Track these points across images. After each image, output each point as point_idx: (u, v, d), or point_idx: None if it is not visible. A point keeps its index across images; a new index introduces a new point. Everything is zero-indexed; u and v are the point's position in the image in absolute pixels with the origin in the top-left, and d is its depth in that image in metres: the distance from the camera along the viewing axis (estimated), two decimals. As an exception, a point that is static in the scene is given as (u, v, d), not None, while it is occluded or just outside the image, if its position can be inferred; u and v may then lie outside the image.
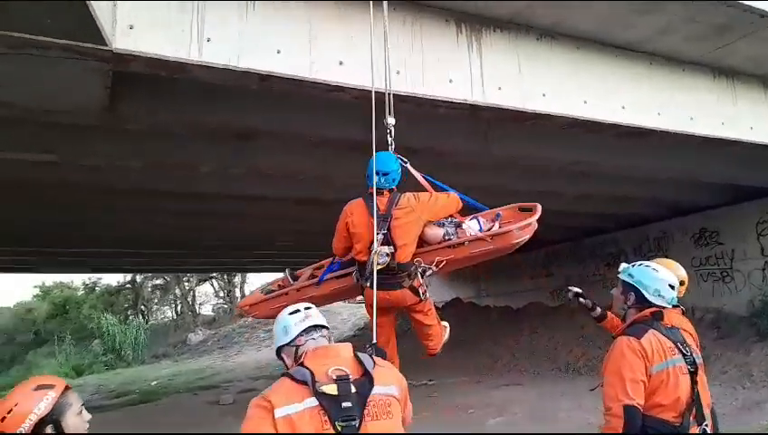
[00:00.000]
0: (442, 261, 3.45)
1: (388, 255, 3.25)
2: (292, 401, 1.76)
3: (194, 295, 35.00)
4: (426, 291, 3.49)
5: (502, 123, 6.40)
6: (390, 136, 3.74)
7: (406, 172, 3.78)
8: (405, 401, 2.03)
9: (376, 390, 1.86)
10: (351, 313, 28.00)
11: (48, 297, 36.85)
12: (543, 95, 5.96)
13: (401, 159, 3.69)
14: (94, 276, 33.38)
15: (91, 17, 3.54)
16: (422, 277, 3.45)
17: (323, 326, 2.10)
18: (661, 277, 2.62)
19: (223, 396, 13.14)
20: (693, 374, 2.40)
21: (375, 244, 3.22)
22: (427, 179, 3.80)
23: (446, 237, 3.59)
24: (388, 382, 1.95)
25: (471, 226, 3.63)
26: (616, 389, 2.33)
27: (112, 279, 34.75)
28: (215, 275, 34.97)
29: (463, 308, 18.42)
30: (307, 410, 1.75)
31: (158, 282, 34.72)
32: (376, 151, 3.57)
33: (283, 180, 8.37)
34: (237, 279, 37.23)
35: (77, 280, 35.88)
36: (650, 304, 2.58)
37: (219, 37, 4.45)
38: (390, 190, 3.48)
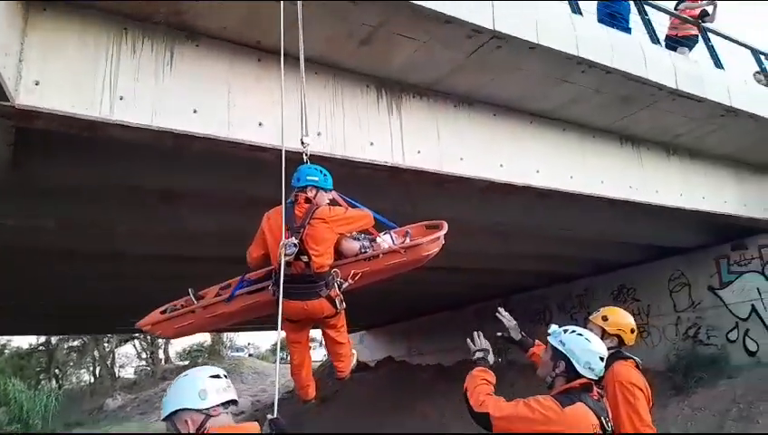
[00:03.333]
0: (358, 273, 3.51)
1: (295, 245, 3.21)
2: None
3: (113, 357, 33.03)
4: (342, 301, 3.47)
5: (423, 185, 6.51)
6: (306, 156, 3.80)
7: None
8: None
9: None
10: (282, 374, 27.12)
11: (-49, 361, 33.99)
12: (461, 159, 6.15)
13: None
14: (3, 338, 31.02)
15: (-10, 73, 3.42)
16: (339, 289, 3.44)
17: (235, 402, 2.02)
18: (593, 349, 2.52)
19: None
20: None
21: (282, 236, 3.21)
22: (343, 199, 3.84)
23: (362, 250, 3.65)
24: None
25: (385, 239, 3.76)
26: (506, 409, 2.34)
27: (23, 341, 32.45)
28: (137, 335, 33.33)
29: (395, 367, 18.23)
30: None
31: (74, 343, 32.68)
32: None
33: (211, 239, 8.11)
34: (161, 340, 35.61)
35: (-16, 342, 33.22)
36: (580, 375, 2.49)
37: (133, 95, 4.38)
38: (308, 202, 3.48)
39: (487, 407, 2.39)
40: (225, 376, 2.03)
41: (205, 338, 33.73)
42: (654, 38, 7.28)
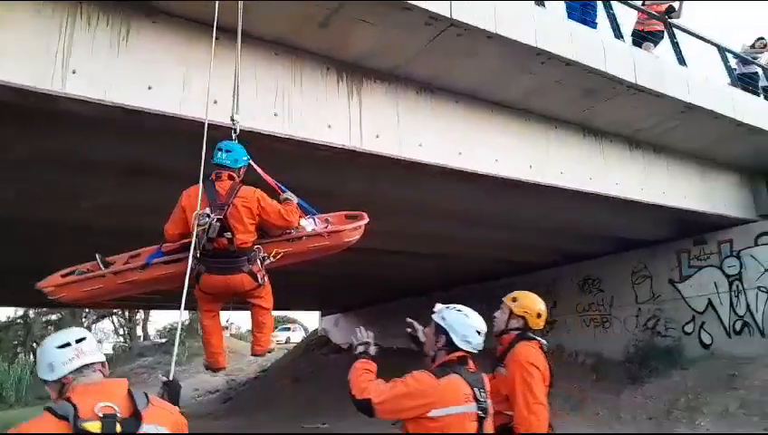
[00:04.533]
0: (280, 253, 3.62)
1: (209, 216, 3.29)
2: None
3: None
4: (264, 276, 3.59)
5: (381, 169, 6.60)
6: (235, 133, 3.88)
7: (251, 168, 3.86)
8: None
9: (143, 429, 1.83)
10: (228, 366, 27.27)
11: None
12: (420, 145, 6.25)
13: (247, 156, 3.78)
14: (-20, 310, 30.88)
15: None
16: (261, 265, 3.55)
17: (98, 361, 1.97)
18: (470, 324, 2.65)
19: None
20: (482, 420, 2.53)
21: (198, 208, 3.29)
22: (275, 182, 3.93)
23: (286, 231, 3.76)
24: (161, 423, 1.91)
25: (308, 223, 3.87)
26: (383, 390, 2.48)
27: (2, 314, 32.30)
28: (116, 311, 33.28)
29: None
30: None
31: (52, 317, 32.59)
32: None
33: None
34: (140, 316, 35.64)
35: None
36: (458, 349, 2.66)
37: (86, 70, 4.42)
38: (232, 179, 3.56)
39: (369, 393, 2.49)
40: (81, 339, 1.97)
41: (183, 317, 33.68)
42: (617, 33, 7.39)
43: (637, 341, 11.30)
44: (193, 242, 3.20)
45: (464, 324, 2.65)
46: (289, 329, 34.14)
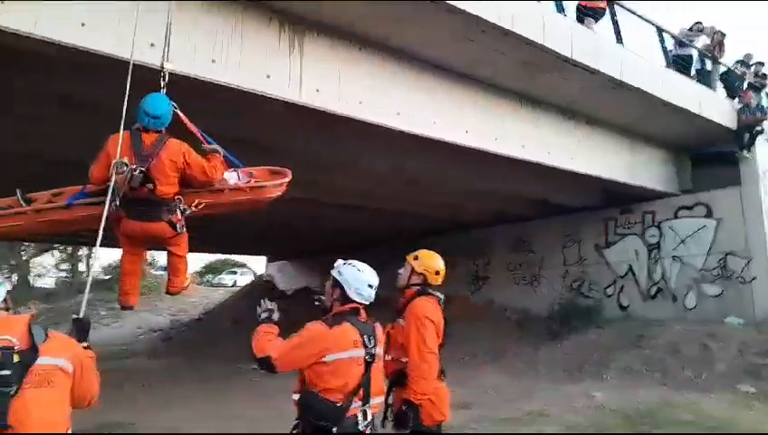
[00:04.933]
0: (201, 203, 3.74)
1: (126, 165, 3.38)
2: None
3: (27, 268, 32.28)
4: (183, 225, 3.71)
5: (320, 124, 6.74)
6: (164, 80, 3.94)
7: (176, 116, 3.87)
8: (81, 373, 2.18)
9: (40, 361, 2.00)
10: (204, 296, 27.48)
11: None
12: (360, 102, 6.41)
13: (173, 105, 3.83)
14: None
15: None
16: (181, 214, 3.68)
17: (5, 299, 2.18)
18: (363, 278, 2.89)
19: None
20: (369, 364, 2.82)
21: (118, 154, 3.37)
22: (200, 133, 3.97)
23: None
24: (57, 355, 2.08)
25: (231, 176, 3.96)
26: (282, 345, 2.73)
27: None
28: (57, 246, 32.55)
29: (310, 296, 18.80)
30: None
31: (-12, 249, 31.67)
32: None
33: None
34: (83, 252, 34.97)
35: None
36: (352, 300, 2.88)
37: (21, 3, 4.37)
38: (158, 131, 3.65)
39: (268, 350, 2.72)
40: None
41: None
42: (559, 7, 7.62)
43: (561, 300, 12.03)
44: (110, 188, 3.31)
45: (357, 279, 2.90)
46: (236, 273, 34.15)
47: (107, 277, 33.03)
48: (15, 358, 1.96)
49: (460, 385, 9.44)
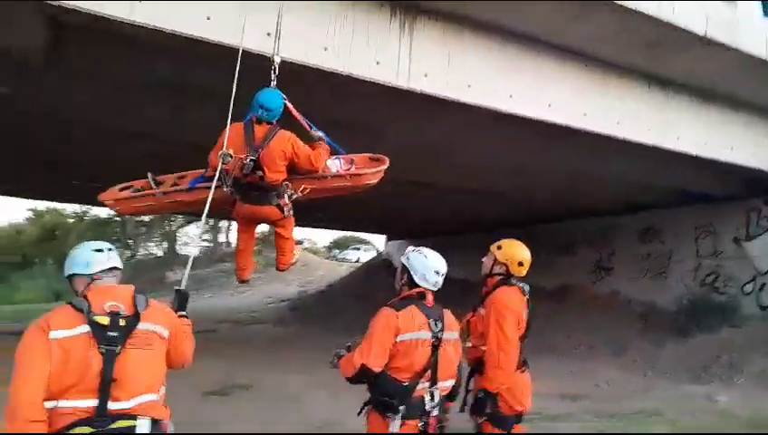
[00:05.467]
0: (307, 189, 4.04)
1: (230, 156, 3.72)
2: (67, 326, 2.18)
3: (173, 236, 35.64)
4: (290, 209, 4.05)
5: (429, 108, 6.74)
6: (274, 73, 4.24)
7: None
8: (176, 338, 2.47)
9: (141, 326, 2.28)
10: (330, 269, 28.83)
11: (39, 221, 37.67)
12: (469, 86, 6.35)
13: (283, 97, 4.11)
14: (85, 206, 33.84)
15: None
16: (288, 199, 4.01)
17: (118, 268, 2.48)
18: (429, 265, 3.01)
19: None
20: (435, 347, 2.88)
21: (225, 146, 3.72)
22: (307, 123, 4.24)
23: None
24: (157, 322, 2.38)
25: (333, 164, 4.23)
26: (366, 348, 2.84)
27: (102, 211, 35.26)
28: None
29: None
30: (80, 335, 2.18)
31: (144, 218, 35.26)
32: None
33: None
34: (223, 223, 37.90)
35: (69, 208, 36.35)
36: (418, 285, 3.00)
37: (155, 2, 4.81)
38: (270, 123, 3.96)
39: (356, 361, 2.82)
40: (109, 249, 2.49)
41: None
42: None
43: (692, 295, 11.17)
44: (216, 175, 3.68)
45: (423, 265, 3.02)
46: (359, 249, 35.44)
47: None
48: (122, 322, 2.26)
49: (573, 376, 9.21)
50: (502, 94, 6.61)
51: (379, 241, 36.49)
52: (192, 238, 38.02)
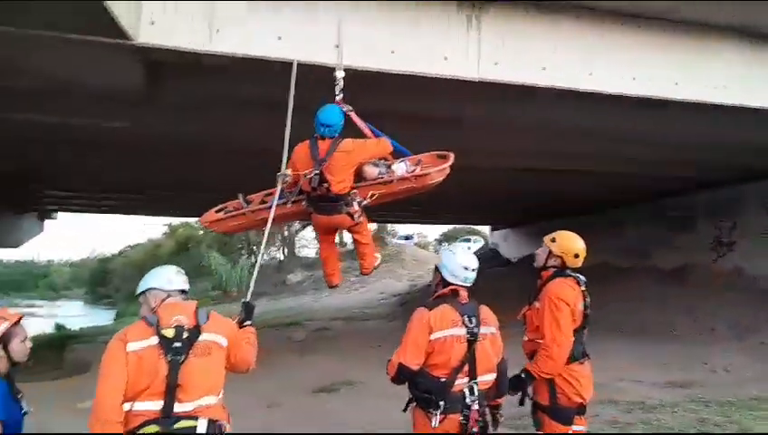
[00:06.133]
0: (374, 194, 4.29)
1: (288, 175, 4.15)
2: (140, 338, 2.51)
3: (291, 240, 37.47)
4: (360, 215, 4.30)
5: (506, 94, 6.64)
6: (338, 86, 4.60)
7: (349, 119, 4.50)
8: (235, 346, 2.76)
9: (202, 337, 2.60)
10: (412, 273, 29.25)
11: (174, 236, 41.39)
12: (543, 69, 6.19)
13: (346, 107, 4.44)
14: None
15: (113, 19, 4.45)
16: (358, 206, 4.26)
17: (186, 291, 2.85)
18: (457, 261, 3.09)
19: (296, 333, 14.56)
20: (471, 343, 2.93)
21: (282, 167, 4.17)
22: (369, 128, 4.59)
23: (380, 175, 4.40)
24: (217, 333, 2.67)
25: (399, 167, 4.43)
26: (402, 348, 2.97)
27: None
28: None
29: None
30: (151, 346, 2.50)
31: (267, 227, 37.23)
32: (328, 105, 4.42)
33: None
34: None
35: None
36: (449, 283, 3.09)
37: (224, 24, 5.18)
38: (332, 138, 4.24)
39: (396, 361, 2.97)
40: (185, 274, 2.89)
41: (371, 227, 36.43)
42: None
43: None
44: (276, 193, 4.10)
45: (451, 261, 3.12)
46: (469, 240, 35.30)
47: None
48: (185, 334, 2.59)
49: (688, 361, 8.56)
50: (580, 72, 6.37)
51: (487, 232, 36.26)
52: (309, 241, 39.89)
